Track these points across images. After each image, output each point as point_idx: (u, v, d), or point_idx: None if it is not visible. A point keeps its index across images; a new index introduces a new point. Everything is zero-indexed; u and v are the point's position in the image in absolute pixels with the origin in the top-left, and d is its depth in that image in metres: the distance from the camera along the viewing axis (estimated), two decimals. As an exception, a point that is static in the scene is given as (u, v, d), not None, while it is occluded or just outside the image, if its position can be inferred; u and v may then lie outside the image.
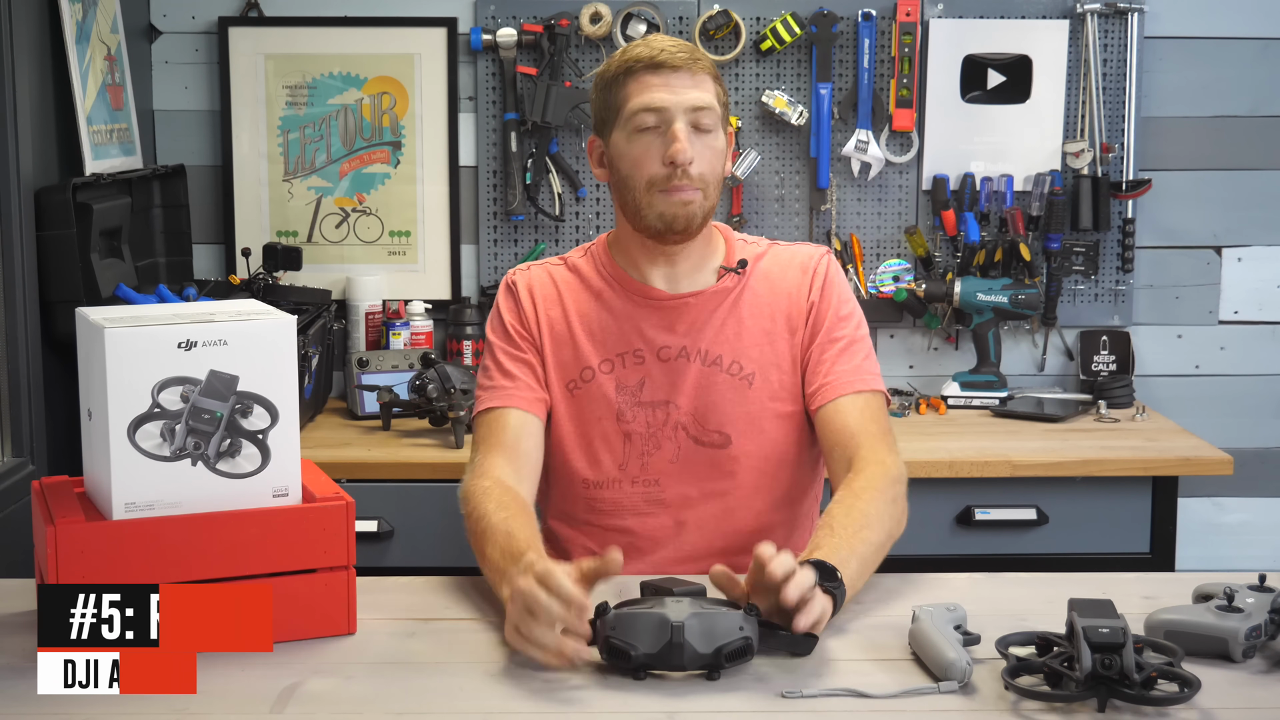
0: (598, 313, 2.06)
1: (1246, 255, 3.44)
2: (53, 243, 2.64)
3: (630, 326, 2.05)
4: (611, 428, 2.04)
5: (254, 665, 1.61)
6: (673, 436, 2.04)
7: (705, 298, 2.05)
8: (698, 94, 1.95)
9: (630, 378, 2.04)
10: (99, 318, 1.64)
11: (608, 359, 2.05)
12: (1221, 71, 3.37)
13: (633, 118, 1.96)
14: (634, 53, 1.98)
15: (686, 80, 1.95)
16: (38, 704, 1.51)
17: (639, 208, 1.99)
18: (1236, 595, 1.62)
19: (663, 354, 2.04)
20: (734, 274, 2.07)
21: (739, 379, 2.04)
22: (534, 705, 1.52)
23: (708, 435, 2.04)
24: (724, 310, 2.05)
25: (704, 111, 1.95)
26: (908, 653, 1.63)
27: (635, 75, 1.97)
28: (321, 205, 3.38)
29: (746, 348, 2.05)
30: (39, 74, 2.70)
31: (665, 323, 2.05)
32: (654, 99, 1.95)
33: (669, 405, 2.04)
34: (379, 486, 2.81)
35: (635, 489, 2.04)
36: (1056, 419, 3.15)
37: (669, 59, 1.95)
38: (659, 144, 1.95)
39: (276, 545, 1.66)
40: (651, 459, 2.04)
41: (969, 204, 3.33)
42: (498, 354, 2.08)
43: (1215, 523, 3.48)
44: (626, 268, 2.07)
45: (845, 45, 3.32)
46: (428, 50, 3.34)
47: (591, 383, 2.04)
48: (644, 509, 2.04)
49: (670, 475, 2.04)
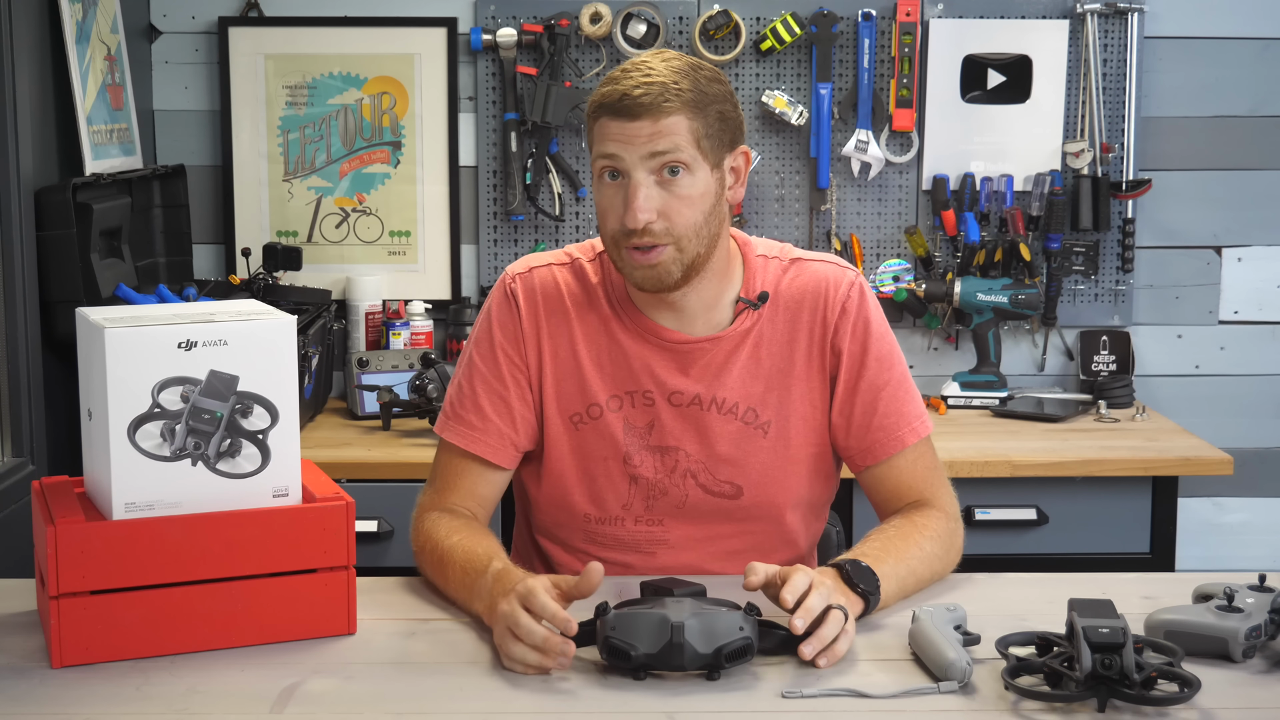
0: (608, 344, 1.92)
1: (1246, 255, 3.44)
2: (53, 243, 2.64)
3: (640, 365, 1.91)
4: (617, 469, 1.92)
5: (254, 665, 1.61)
6: (681, 484, 1.92)
7: (723, 342, 1.90)
8: (660, 141, 1.77)
9: (639, 419, 1.91)
10: (99, 318, 1.64)
11: (616, 395, 1.91)
12: (1221, 71, 3.37)
13: (596, 164, 1.82)
14: (602, 93, 1.80)
15: (647, 127, 1.77)
16: (38, 704, 1.51)
17: (613, 258, 1.86)
18: (1236, 595, 1.62)
19: (674, 399, 1.91)
20: (752, 308, 1.92)
21: (754, 428, 1.91)
22: (534, 705, 1.52)
23: (718, 485, 1.93)
24: (741, 354, 1.91)
25: (667, 155, 1.77)
26: (908, 653, 1.63)
27: (599, 119, 1.81)
28: (321, 205, 3.38)
29: (764, 393, 1.91)
30: (39, 74, 2.70)
31: (679, 366, 1.91)
32: (609, 148, 1.79)
33: (679, 452, 1.91)
34: (379, 486, 2.81)
35: (639, 528, 1.94)
36: (1056, 419, 3.15)
37: (630, 105, 1.77)
38: (620, 198, 1.80)
39: (276, 545, 1.66)
40: (658, 503, 1.93)
41: (969, 204, 3.33)
42: (476, 381, 1.93)
43: (1215, 523, 3.48)
44: (635, 300, 1.91)
45: (845, 45, 3.32)
46: (428, 50, 3.34)
47: (599, 420, 1.92)
48: (646, 547, 1.95)
49: (676, 519, 1.94)
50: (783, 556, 1.97)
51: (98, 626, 1.60)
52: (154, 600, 1.62)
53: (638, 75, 1.79)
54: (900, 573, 1.78)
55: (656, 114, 1.77)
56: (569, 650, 1.56)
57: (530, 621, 1.57)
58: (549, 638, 1.56)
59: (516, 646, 1.57)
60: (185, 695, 1.53)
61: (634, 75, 1.79)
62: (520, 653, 1.57)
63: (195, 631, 1.64)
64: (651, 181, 1.79)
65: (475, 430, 1.92)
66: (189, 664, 1.61)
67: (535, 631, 1.56)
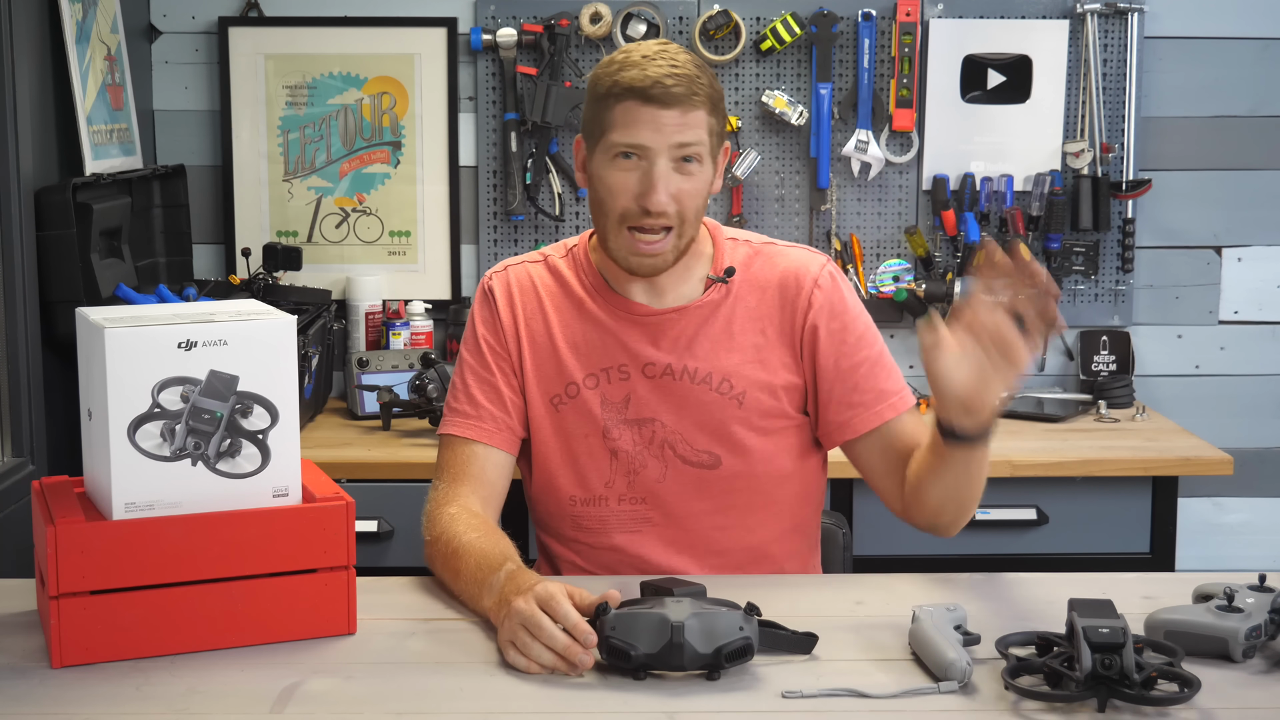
0: (581, 325, 1.98)
1: (1246, 255, 3.44)
2: (53, 243, 2.64)
3: (614, 341, 1.96)
4: (597, 444, 1.96)
5: (254, 665, 1.61)
6: (660, 455, 1.96)
7: (691, 312, 1.96)
8: (687, 132, 1.84)
9: (615, 393, 1.96)
10: (99, 318, 1.64)
11: (592, 374, 1.96)
12: (1221, 71, 3.37)
13: (614, 148, 1.86)
14: (628, 76, 1.84)
15: (676, 118, 1.83)
16: (38, 704, 1.51)
17: (607, 236, 1.91)
18: (1236, 595, 1.62)
19: (648, 370, 1.96)
20: (720, 284, 1.97)
21: (728, 398, 1.95)
22: (534, 705, 1.52)
23: (696, 455, 1.96)
24: (712, 325, 1.96)
25: (690, 147, 1.85)
26: (908, 653, 1.63)
27: (624, 102, 1.84)
28: (321, 205, 3.38)
29: (736, 364, 1.95)
30: (39, 74, 2.70)
31: (650, 338, 1.96)
32: (638, 137, 1.84)
33: (655, 423, 1.95)
34: (379, 486, 2.81)
35: (622, 507, 1.97)
36: (1056, 419, 3.15)
37: (662, 94, 1.82)
38: (636, 178, 1.85)
39: (276, 545, 1.66)
40: (638, 477, 1.96)
41: (969, 204, 3.33)
42: (466, 375, 2.00)
43: (1215, 523, 3.48)
44: (608, 278, 1.98)
45: (845, 45, 3.32)
46: (428, 50, 3.35)
47: (576, 399, 1.97)
48: (632, 527, 1.97)
49: (658, 494, 1.96)
50: (771, 533, 2.00)
51: (98, 626, 1.60)
52: (154, 600, 1.62)
53: (664, 63, 1.84)
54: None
55: (687, 105, 1.84)
56: (589, 662, 1.56)
57: (553, 627, 1.57)
58: (570, 645, 1.56)
59: (534, 645, 1.58)
60: (185, 695, 1.53)
61: (661, 64, 1.84)
62: (537, 651, 1.57)
63: (195, 631, 1.64)
64: (670, 168, 1.86)
65: (470, 419, 1.98)
66: (189, 664, 1.61)
67: (558, 638, 1.57)
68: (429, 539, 1.90)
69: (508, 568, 1.73)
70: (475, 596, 1.76)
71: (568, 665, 1.57)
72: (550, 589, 1.60)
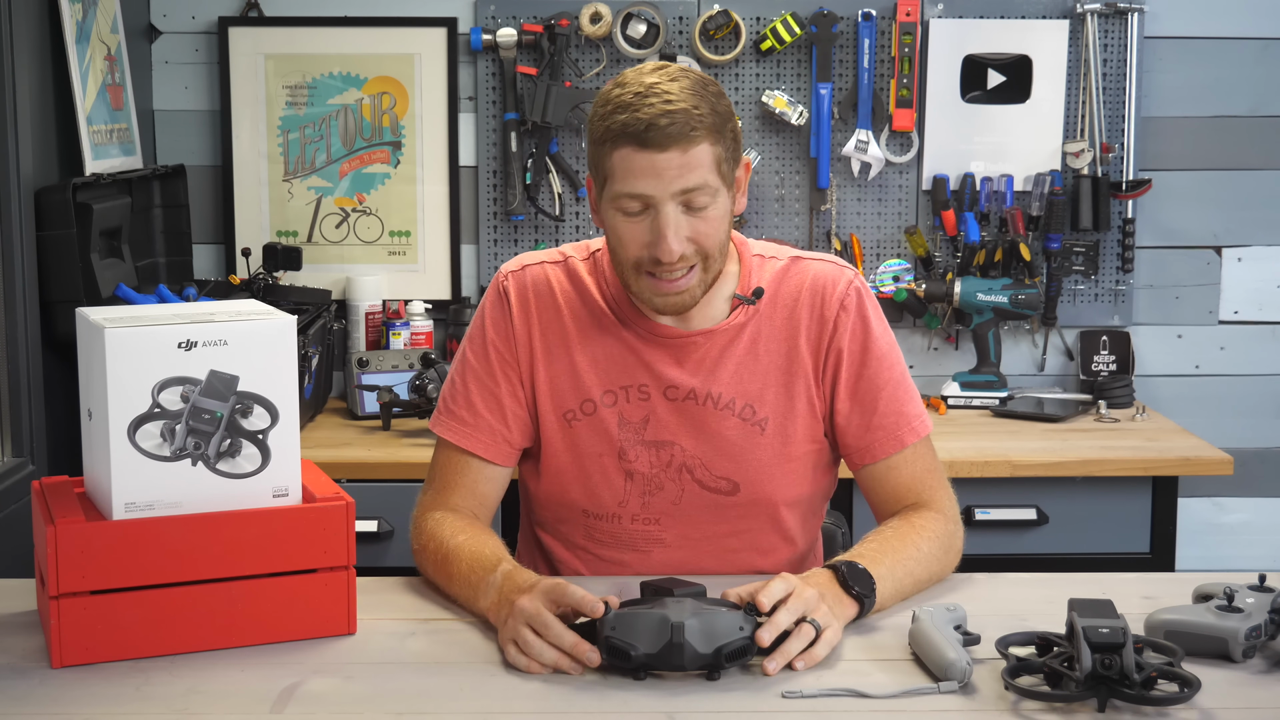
0: (600, 339, 1.91)
1: (1246, 255, 3.44)
2: (53, 243, 2.64)
3: (635, 359, 1.90)
4: (612, 464, 1.91)
5: (254, 665, 1.61)
6: (676, 479, 1.91)
7: (717, 335, 1.90)
8: (689, 175, 1.75)
9: (634, 413, 1.90)
10: (99, 318, 1.64)
11: (610, 390, 1.90)
12: (1221, 71, 3.37)
13: (617, 199, 1.78)
14: (621, 120, 1.74)
15: (677, 159, 1.74)
16: (38, 704, 1.51)
17: (628, 282, 1.84)
18: (1236, 595, 1.62)
19: (670, 393, 1.90)
20: (748, 304, 1.91)
21: (751, 424, 1.90)
22: (534, 705, 1.52)
23: (714, 481, 1.91)
24: (737, 348, 1.90)
25: (695, 191, 1.76)
26: (908, 653, 1.63)
27: (620, 149, 1.75)
28: (321, 205, 3.38)
29: (761, 390, 1.90)
30: (39, 74, 2.70)
31: (675, 359, 1.90)
32: (638, 187, 1.75)
33: (674, 446, 1.90)
34: (379, 486, 2.81)
35: (635, 526, 1.93)
36: (1056, 419, 3.15)
37: (658, 136, 1.72)
38: (644, 228, 1.78)
39: (276, 545, 1.66)
40: (653, 499, 1.92)
41: (969, 204, 3.33)
42: (468, 376, 1.94)
43: (1215, 523, 3.48)
44: (631, 296, 1.89)
45: (845, 45, 3.32)
46: (428, 50, 3.34)
47: (593, 416, 1.91)
48: (642, 545, 1.94)
49: (672, 516, 1.93)
50: (781, 555, 1.97)
51: (98, 626, 1.60)
52: (154, 600, 1.62)
53: (657, 102, 1.74)
54: (897, 574, 1.78)
55: (685, 144, 1.74)
56: (595, 661, 1.56)
57: (560, 626, 1.57)
58: (579, 643, 1.56)
59: (537, 643, 1.57)
60: (185, 695, 1.53)
61: (653, 102, 1.74)
62: (540, 650, 1.57)
63: (195, 631, 1.64)
64: (679, 211, 1.78)
65: (468, 426, 1.93)
66: (189, 664, 1.61)
67: (565, 637, 1.57)
68: (417, 547, 1.89)
69: (503, 567, 1.72)
70: (470, 598, 1.75)
71: (572, 663, 1.57)
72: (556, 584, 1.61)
